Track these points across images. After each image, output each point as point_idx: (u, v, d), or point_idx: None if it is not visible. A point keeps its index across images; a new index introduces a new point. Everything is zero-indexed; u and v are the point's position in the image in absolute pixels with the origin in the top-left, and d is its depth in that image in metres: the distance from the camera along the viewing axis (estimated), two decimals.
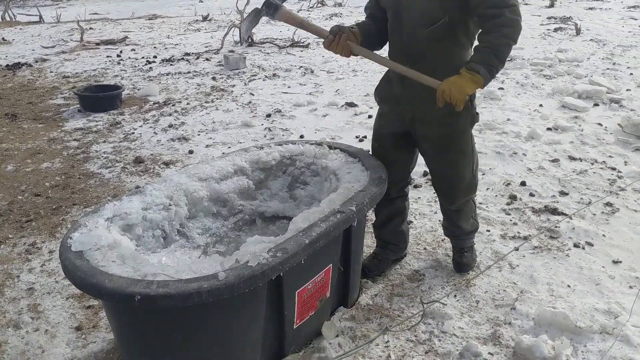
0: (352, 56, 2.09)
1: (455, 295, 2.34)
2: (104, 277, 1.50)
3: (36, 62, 7.85)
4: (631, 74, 6.09)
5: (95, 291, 1.50)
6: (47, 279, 2.55)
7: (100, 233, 1.72)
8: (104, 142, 4.44)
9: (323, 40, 2.08)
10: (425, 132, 2.15)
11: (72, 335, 2.18)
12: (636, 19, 9.82)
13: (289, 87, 6.04)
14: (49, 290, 2.47)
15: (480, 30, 1.96)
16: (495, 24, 1.87)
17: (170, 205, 2.04)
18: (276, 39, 8.91)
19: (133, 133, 4.63)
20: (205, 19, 12.07)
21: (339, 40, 2.02)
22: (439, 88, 1.92)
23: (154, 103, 5.53)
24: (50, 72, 7.21)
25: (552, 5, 11.90)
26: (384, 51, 2.20)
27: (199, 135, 4.53)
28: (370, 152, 2.37)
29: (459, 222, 2.40)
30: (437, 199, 2.49)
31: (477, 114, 2.14)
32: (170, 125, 4.78)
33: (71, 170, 3.87)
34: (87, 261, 1.59)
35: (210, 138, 4.44)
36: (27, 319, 2.26)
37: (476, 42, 2.00)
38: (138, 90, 6.03)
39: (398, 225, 2.49)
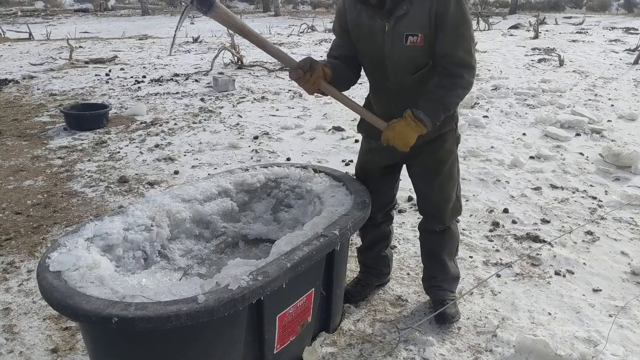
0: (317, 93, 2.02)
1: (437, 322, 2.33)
2: (81, 299, 1.47)
3: (23, 79, 7.82)
4: (612, 105, 6.26)
5: (71, 313, 1.47)
6: (25, 299, 2.50)
7: (79, 253, 1.69)
8: (89, 160, 4.41)
9: (289, 70, 1.96)
10: (416, 158, 2.16)
11: (47, 357, 2.12)
12: (617, 52, 10.13)
13: (277, 110, 6.09)
14: (25, 311, 2.41)
15: (440, 75, 1.97)
16: (454, 83, 1.94)
17: (152, 226, 2.02)
18: (266, 62, 9.00)
19: (119, 152, 4.61)
20: (195, 40, 12.18)
21: (309, 78, 1.92)
22: (384, 133, 1.98)
23: (141, 123, 5.53)
24: (38, 89, 7.18)
25: (536, 37, 12.25)
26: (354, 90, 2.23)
27: (185, 155, 4.52)
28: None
29: (443, 255, 2.32)
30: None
31: (460, 135, 2.22)
32: (157, 145, 4.77)
33: (54, 188, 3.83)
34: (65, 282, 1.56)
35: (197, 159, 4.43)
36: (1, 340, 2.20)
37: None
38: (125, 109, 6.02)
39: (382, 250, 2.49)
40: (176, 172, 4.12)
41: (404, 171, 2.34)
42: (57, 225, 3.24)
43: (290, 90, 6.99)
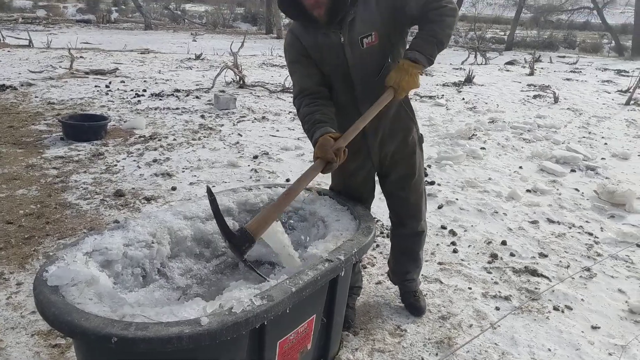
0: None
1: (437, 354, 2.29)
2: (79, 315, 1.42)
3: (22, 85, 7.78)
4: (605, 143, 6.34)
5: (69, 330, 1.42)
6: (12, 313, 2.42)
7: (78, 268, 1.65)
8: (85, 172, 4.35)
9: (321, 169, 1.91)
10: (395, 168, 2.28)
11: None
12: (609, 93, 10.33)
13: (277, 130, 6.09)
14: (13, 325, 2.34)
15: (423, 18, 1.99)
16: (440, 12, 1.95)
17: (153, 243, 1.98)
18: (267, 83, 9.06)
19: (115, 165, 4.57)
20: (197, 57, 12.24)
21: (342, 157, 1.93)
22: (396, 95, 1.99)
23: (140, 136, 5.50)
24: (36, 97, 7.14)
25: (532, 74, 12.46)
26: None
27: (183, 172, 4.49)
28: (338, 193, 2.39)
29: (419, 252, 2.49)
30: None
31: (422, 134, 2.34)
32: (155, 160, 4.73)
33: (47, 199, 3.77)
34: (63, 297, 1.51)
35: (195, 176, 4.40)
36: None
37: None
38: (124, 122, 5.99)
39: (357, 266, 2.56)
40: (174, 189, 4.08)
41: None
42: (49, 237, 3.18)
43: (290, 112, 7.01)
